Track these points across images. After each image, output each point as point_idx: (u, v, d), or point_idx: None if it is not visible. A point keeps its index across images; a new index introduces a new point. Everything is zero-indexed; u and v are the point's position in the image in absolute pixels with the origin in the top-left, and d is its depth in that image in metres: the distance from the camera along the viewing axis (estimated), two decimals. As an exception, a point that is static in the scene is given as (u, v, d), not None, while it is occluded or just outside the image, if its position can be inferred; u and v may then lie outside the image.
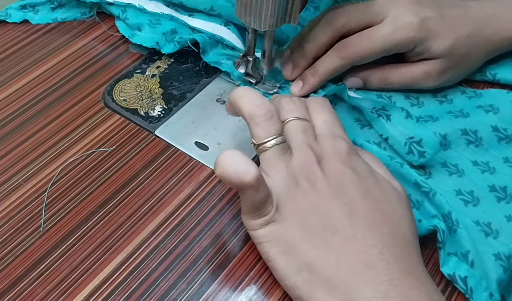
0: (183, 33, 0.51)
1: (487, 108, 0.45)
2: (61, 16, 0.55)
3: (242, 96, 0.38)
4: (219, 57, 0.49)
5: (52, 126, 0.45)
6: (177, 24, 0.51)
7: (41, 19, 0.55)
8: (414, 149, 0.42)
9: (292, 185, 0.35)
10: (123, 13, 0.53)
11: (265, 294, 0.35)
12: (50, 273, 0.36)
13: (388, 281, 0.31)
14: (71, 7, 0.56)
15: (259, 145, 0.37)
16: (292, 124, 0.39)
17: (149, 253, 0.37)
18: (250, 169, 0.33)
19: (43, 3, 0.56)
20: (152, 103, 0.47)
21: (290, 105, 0.40)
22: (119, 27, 0.53)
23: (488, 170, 0.42)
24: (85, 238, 0.38)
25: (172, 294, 0.35)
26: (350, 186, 0.35)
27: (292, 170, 0.36)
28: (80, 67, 0.51)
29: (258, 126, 0.37)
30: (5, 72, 0.50)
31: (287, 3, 0.41)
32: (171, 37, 0.50)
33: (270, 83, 0.48)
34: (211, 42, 0.50)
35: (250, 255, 0.37)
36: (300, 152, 0.37)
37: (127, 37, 0.52)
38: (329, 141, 0.37)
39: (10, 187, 0.41)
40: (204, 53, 0.49)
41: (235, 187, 0.34)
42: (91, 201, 0.40)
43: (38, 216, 0.39)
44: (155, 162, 0.43)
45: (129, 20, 0.52)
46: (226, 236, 0.38)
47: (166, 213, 0.39)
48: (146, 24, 0.52)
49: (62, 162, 0.43)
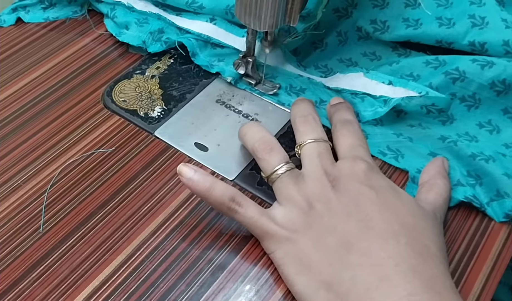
0: (170, 33, 0.51)
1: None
2: (52, 16, 0.56)
3: (245, 133, 0.40)
4: (210, 59, 0.49)
5: (52, 127, 0.45)
6: (164, 24, 0.52)
7: (32, 18, 0.56)
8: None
9: (306, 209, 0.35)
10: (112, 11, 0.53)
11: (265, 296, 0.35)
12: (49, 274, 0.36)
13: (407, 296, 0.30)
14: (62, 7, 0.56)
15: (267, 178, 0.38)
16: (307, 148, 0.38)
17: (148, 254, 0.37)
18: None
19: (34, 4, 0.56)
20: (151, 104, 0.47)
21: (305, 126, 0.40)
22: (107, 25, 0.54)
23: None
24: (85, 239, 0.38)
25: (171, 295, 0.35)
26: (366, 202, 0.34)
27: (305, 195, 0.36)
28: (79, 68, 0.51)
29: (261, 161, 0.38)
30: (4, 73, 0.50)
31: (287, 3, 0.41)
32: (158, 36, 0.51)
33: (269, 84, 0.48)
34: (200, 44, 0.50)
35: (249, 256, 0.37)
36: (313, 178, 0.36)
37: (114, 35, 0.52)
38: (347, 163, 0.37)
39: (10, 188, 0.41)
40: (194, 56, 0.49)
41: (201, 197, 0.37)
42: (91, 202, 0.40)
43: (37, 217, 0.39)
44: (154, 163, 0.43)
45: (117, 19, 0.53)
46: (226, 237, 0.38)
47: (165, 214, 0.39)
48: (134, 23, 0.52)
49: (62, 163, 0.43)
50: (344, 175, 0.36)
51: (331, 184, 0.36)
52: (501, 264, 0.37)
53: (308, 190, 0.36)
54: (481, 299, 0.35)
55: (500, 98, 0.43)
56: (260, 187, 0.41)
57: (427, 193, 0.38)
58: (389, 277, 0.31)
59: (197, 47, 0.49)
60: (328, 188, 0.35)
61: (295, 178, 0.37)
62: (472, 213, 0.40)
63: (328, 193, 0.35)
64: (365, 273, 0.32)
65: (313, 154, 0.38)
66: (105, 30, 0.54)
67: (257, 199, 0.40)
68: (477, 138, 0.43)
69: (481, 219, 0.39)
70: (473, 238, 0.38)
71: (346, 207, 0.34)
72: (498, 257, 0.37)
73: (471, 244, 0.38)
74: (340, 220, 0.34)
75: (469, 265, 0.37)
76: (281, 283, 0.36)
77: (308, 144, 0.39)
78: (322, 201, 0.35)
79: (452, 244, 0.38)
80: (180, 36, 0.50)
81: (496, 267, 0.37)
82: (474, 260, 0.37)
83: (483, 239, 0.38)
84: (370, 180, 0.36)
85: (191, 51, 0.49)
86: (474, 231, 0.39)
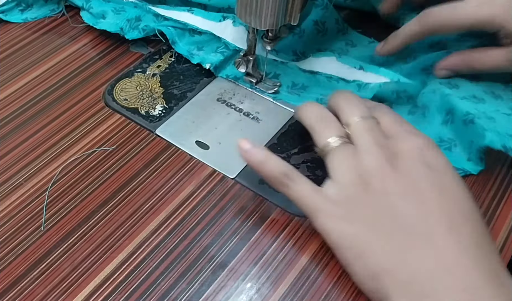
0: (147, 20, 0.51)
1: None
2: (30, 16, 0.56)
3: (302, 111, 0.40)
4: (189, 47, 0.50)
5: (53, 125, 0.45)
6: (141, 12, 0.52)
7: (10, 20, 0.55)
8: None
9: (362, 187, 0.34)
10: (87, 3, 0.53)
11: (266, 294, 0.35)
12: (50, 272, 0.36)
13: (466, 290, 0.30)
14: (39, 7, 0.56)
15: (321, 151, 0.37)
16: (356, 126, 0.37)
17: (149, 252, 0.37)
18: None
19: (11, 8, 0.56)
20: (152, 102, 0.47)
21: (350, 106, 0.38)
22: (84, 17, 0.54)
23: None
24: (86, 237, 0.38)
25: (172, 294, 0.35)
26: (426, 184, 0.33)
27: (361, 172, 0.34)
28: (80, 67, 0.51)
29: (316, 133, 0.38)
30: (5, 71, 0.50)
31: (287, 2, 0.41)
32: (135, 24, 0.51)
33: (270, 82, 0.48)
34: (178, 33, 0.50)
35: (251, 254, 0.37)
36: (369, 153, 0.35)
37: (91, 25, 0.53)
38: (402, 138, 0.36)
39: (11, 186, 0.41)
40: (174, 44, 0.50)
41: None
42: (92, 200, 0.40)
43: (38, 215, 0.39)
44: (155, 161, 0.43)
45: (93, 9, 0.53)
46: (227, 235, 0.38)
47: (166, 212, 0.39)
48: (111, 11, 0.53)
49: (63, 161, 0.43)
50: (401, 151, 0.35)
51: (388, 160, 0.34)
52: (501, 262, 0.37)
53: (364, 166, 0.35)
54: (481, 297, 0.35)
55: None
56: (261, 185, 0.41)
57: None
58: (451, 269, 0.30)
59: (176, 35, 0.50)
60: (385, 165, 0.34)
61: (349, 152, 0.36)
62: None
63: (385, 170, 0.34)
64: (429, 262, 0.31)
65: (364, 129, 0.36)
66: (81, 23, 0.54)
67: (258, 197, 0.40)
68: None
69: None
70: (474, 237, 0.38)
71: (406, 187, 0.33)
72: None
73: (471, 243, 0.38)
74: (399, 202, 0.33)
75: (469, 264, 0.37)
76: (282, 281, 0.36)
77: (357, 122, 0.37)
78: (379, 178, 0.34)
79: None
80: (158, 24, 0.51)
81: (496, 265, 0.37)
82: (474, 258, 0.37)
83: (483, 237, 0.38)
84: (428, 158, 0.34)
85: (171, 39, 0.50)
86: (475, 229, 0.39)
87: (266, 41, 0.45)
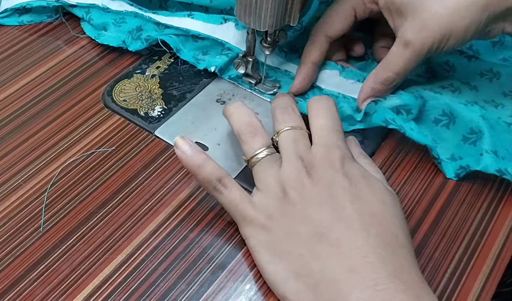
0: (149, 30, 0.51)
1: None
2: (27, 19, 0.55)
3: (231, 114, 0.40)
4: (194, 53, 0.50)
5: (52, 126, 0.45)
6: (142, 21, 0.51)
7: (6, 22, 0.55)
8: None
9: (280, 195, 0.35)
10: (87, 14, 0.53)
11: (264, 295, 0.35)
12: (50, 273, 0.36)
13: (373, 287, 0.31)
14: (37, 13, 0.55)
15: (248, 161, 0.38)
16: (284, 135, 0.39)
17: (149, 253, 0.37)
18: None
19: (8, 15, 0.55)
20: (152, 103, 0.47)
21: (284, 116, 0.40)
22: (85, 28, 0.53)
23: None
24: (85, 239, 0.38)
25: (172, 295, 0.35)
26: (339, 191, 0.35)
27: (280, 181, 0.36)
28: (80, 68, 0.51)
29: (244, 144, 0.38)
30: (5, 72, 0.50)
31: (287, 3, 0.41)
32: (137, 34, 0.51)
33: (270, 83, 0.48)
34: (181, 39, 0.50)
35: (249, 255, 0.37)
36: (289, 162, 0.36)
37: (93, 38, 0.52)
38: (321, 149, 0.37)
39: (10, 187, 0.41)
40: (179, 52, 0.49)
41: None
42: (91, 202, 0.40)
43: (38, 216, 0.39)
44: (155, 162, 0.43)
45: (93, 21, 0.52)
46: (226, 236, 0.38)
47: (166, 213, 0.39)
48: (111, 24, 0.52)
49: (62, 162, 0.43)
50: (318, 162, 0.36)
51: (306, 170, 0.36)
52: (501, 264, 0.37)
53: (283, 176, 0.36)
54: (481, 299, 0.35)
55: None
56: (260, 186, 0.41)
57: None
58: (357, 268, 0.32)
59: (179, 43, 0.50)
60: (303, 174, 0.36)
61: (273, 162, 0.37)
62: (472, 213, 0.40)
63: (302, 180, 0.35)
64: (334, 264, 0.32)
65: (289, 140, 0.38)
66: (82, 33, 0.53)
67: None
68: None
69: (481, 219, 0.39)
70: (473, 238, 0.38)
71: (320, 195, 0.35)
72: (498, 257, 0.37)
73: (471, 244, 0.38)
74: (313, 209, 0.34)
75: (469, 265, 0.37)
76: (282, 282, 0.36)
77: (285, 131, 0.39)
78: (296, 188, 0.35)
79: (453, 244, 0.38)
80: (159, 33, 0.50)
81: (496, 267, 0.37)
82: (474, 260, 0.37)
83: (483, 239, 0.38)
84: (344, 168, 0.36)
85: (175, 47, 0.49)
86: (474, 231, 0.39)
87: (264, 46, 0.45)
